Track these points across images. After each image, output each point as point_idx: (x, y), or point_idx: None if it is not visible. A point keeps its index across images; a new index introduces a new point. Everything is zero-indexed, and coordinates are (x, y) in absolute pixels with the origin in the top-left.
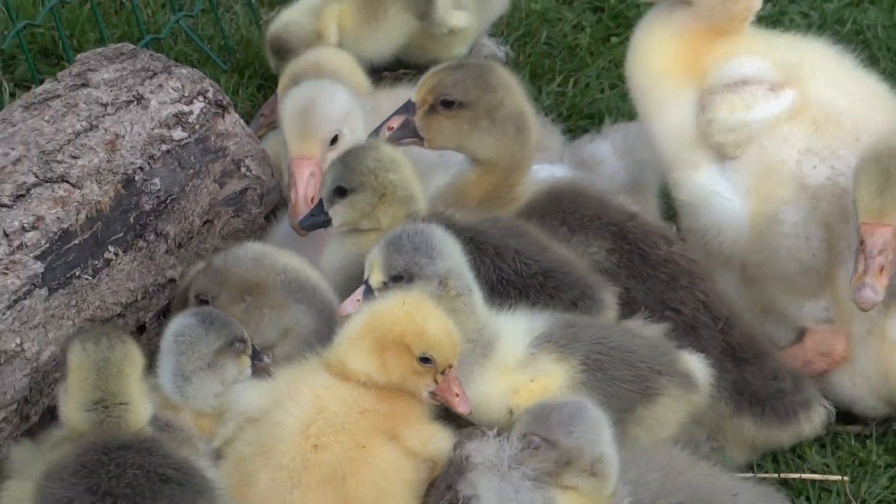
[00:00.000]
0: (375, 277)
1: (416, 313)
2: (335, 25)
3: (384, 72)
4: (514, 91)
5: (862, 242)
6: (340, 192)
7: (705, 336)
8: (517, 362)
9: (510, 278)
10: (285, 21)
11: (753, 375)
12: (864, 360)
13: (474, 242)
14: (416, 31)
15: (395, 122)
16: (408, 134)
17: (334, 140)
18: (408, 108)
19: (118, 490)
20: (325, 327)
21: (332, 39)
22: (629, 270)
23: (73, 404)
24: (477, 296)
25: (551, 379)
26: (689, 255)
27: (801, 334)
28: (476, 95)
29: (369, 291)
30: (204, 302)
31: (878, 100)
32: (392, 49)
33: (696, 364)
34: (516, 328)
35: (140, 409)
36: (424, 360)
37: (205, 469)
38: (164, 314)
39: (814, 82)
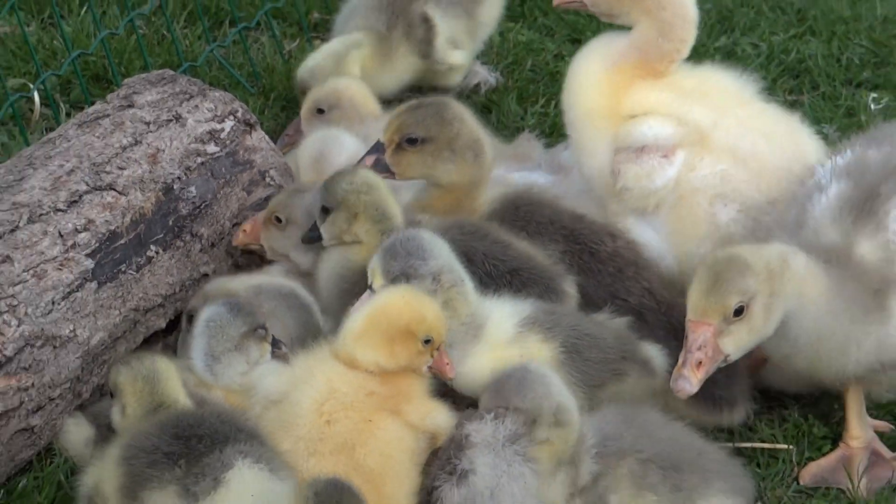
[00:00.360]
0: (378, 282)
1: (414, 304)
2: (358, 68)
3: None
4: (468, 122)
5: (686, 337)
6: (325, 211)
7: (651, 319)
8: (506, 340)
9: (482, 279)
10: (311, 66)
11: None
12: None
13: None
14: (420, 68)
15: (369, 161)
16: (380, 170)
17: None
18: (377, 147)
19: (200, 431)
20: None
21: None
22: (580, 267)
23: (133, 415)
24: (468, 285)
25: (538, 355)
26: (633, 248)
27: None
28: (436, 131)
29: (371, 291)
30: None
31: (781, 136)
32: (403, 84)
33: (654, 352)
34: (503, 311)
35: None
36: (426, 341)
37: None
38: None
39: (722, 131)
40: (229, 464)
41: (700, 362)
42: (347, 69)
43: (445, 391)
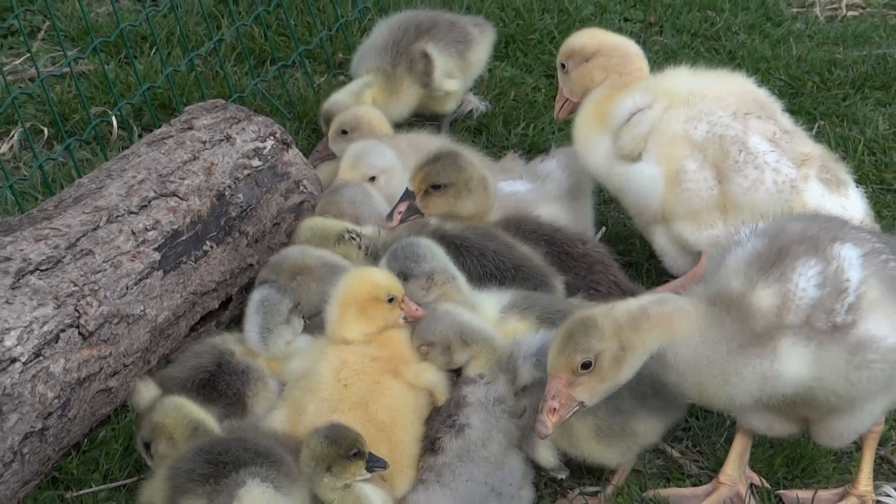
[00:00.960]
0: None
1: (366, 276)
2: (370, 102)
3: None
4: (476, 164)
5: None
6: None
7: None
8: (493, 322)
9: (492, 272)
10: (334, 100)
11: None
12: None
13: (463, 247)
14: (422, 96)
15: (402, 207)
16: (412, 213)
17: (372, 179)
18: (408, 195)
19: (225, 458)
20: None
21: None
22: (559, 265)
23: (178, 441)
24: (461, 280)
25: (519, 329)
26: (599, 249)
27: (698, 257)
28: (455, 177)
29: None
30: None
31: (726, 78)
32: (409, 110)
33: None
34: (490, 301)
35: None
36: (390, 300)
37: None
38: (245, 289)
39: (676, 83)
40: (242, 483)
41: (554, 409)
42: (362, 103)
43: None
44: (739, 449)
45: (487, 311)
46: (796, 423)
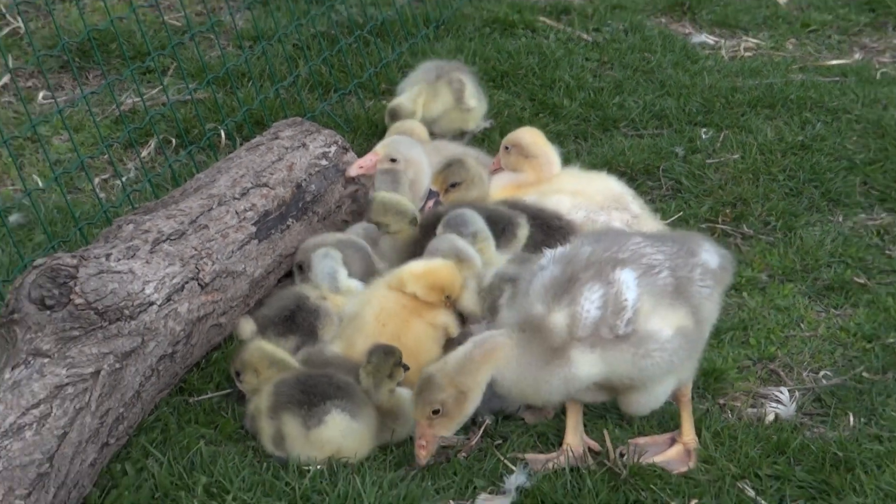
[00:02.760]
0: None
1: (448, 275)
2: (421, 104)
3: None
4: (475, 165)
5: None
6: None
7: None
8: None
9: (506, 228)
10: (397, 101)
11: None
12: None
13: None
14: (452, 107)
15: (430, 203)
16: (437, 204)
17: (393, 160)
18: (433, 194)
19: (316, 391)
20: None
21: (419, 111)
22: (543, 234)
23: (263, 376)
24: (491, 241)
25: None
26: (571, 225)
27: None
28: (464, 176)
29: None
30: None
31: (601, 181)
32: (440, 111)
33: None
34: (501, 255)
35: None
36: (447, 297)
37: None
38: None
39: (574, 182)
40: (328, 411)
41: (422, 446)
42: (416, 105)
43: None
44: (574, 417)
45: (499, 260)
46: (612, 393)
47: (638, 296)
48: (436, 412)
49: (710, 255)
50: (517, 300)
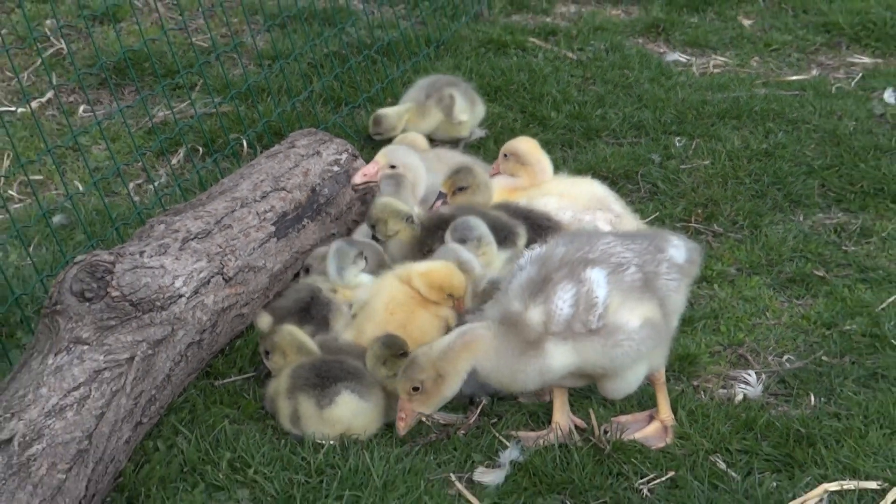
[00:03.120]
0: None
1: (450, 276)
2: (404, 120)
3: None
4: (482, 172)
5: None
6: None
7: None
8: (500, 266)
9: (502, 229)
10: (384, 112)
11: None
12: None
13: (454, 216)
14: (442, 122)
15: (439, 203)
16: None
17: (392, 167)
18: (441, 195)
19: (328, 374)
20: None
21: (400, 126)
22: (533, 232)
23: (290, 358)
24: (493, 244)
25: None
26: (558, 225)
27: None
28: (471, 181)
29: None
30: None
31: (586, 185)
32: (429, 130)
33: None
34: (500, 256)
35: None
36: (450, 295)
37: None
38: None
39: (561, 186)
40: (339, 392)
41: (402, 419)
42: (398, 121)
43: None
44: (560, 398)
45: (498, 262)
46: (589, 379)
47: (608, 292)
48: (415, 389)
49: (677, 250)
50: (498, 297)
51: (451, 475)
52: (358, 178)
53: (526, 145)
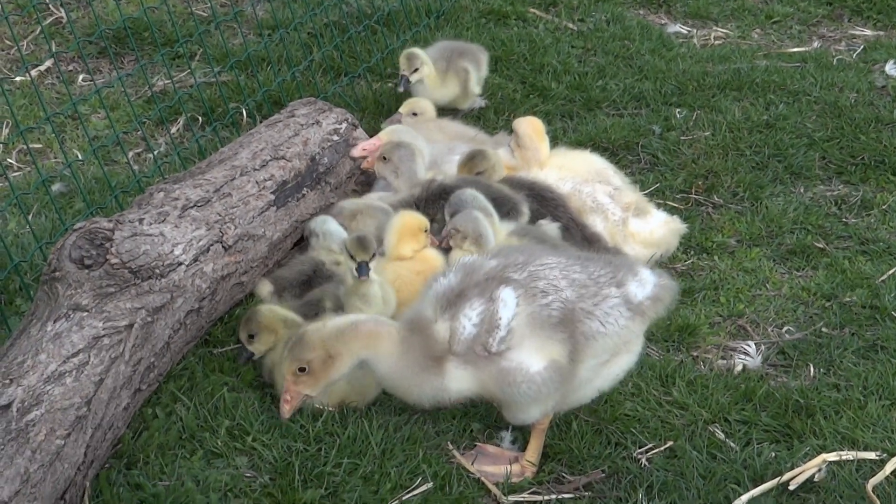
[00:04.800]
0: (447, 215)
1: (410, 217)
2: (430, 83)
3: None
4: (496, 157)
5: None
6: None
7: (573, 232)
8: (504, 238)
9: (505, 202)
10: (415, 51)
11: (596, 247)
12: None
13: (457, 187)
14: (456, 92)
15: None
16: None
17: (385, 159)
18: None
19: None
20: None
21: (430, 87)
22: (538, 204)
23: (278, 338)
24: (495, 215)
25: (515, 243)
26: (561, 196)
27: None
28: (486, 166)
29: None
30: None
31: (585, 159)
32: (447, 98)
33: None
34: (504, 227)
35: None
36: (425, 230)
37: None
38: None
39: (561, 159)
40: None
41: (287, 400)
42: (429, 77)
43: None
44: (539, 439)
45: (501, 232)
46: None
47: (513, 315)
48: (302, 370)
49: (639, 285)
50: (420, 300)
51: (448, 444)
52: (356, 152)
53: (527, 129)
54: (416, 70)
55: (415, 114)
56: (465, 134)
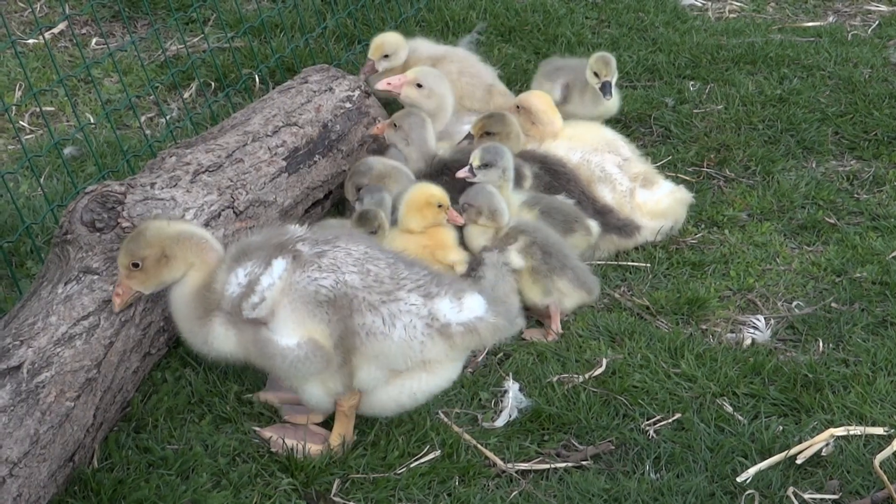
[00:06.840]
0: (475, 162)
1: (426, 189)
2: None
3: None
4: (516, 125)
5: None
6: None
7: (586, 204)
8: (517, 208)
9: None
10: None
11: (608, 218)
12: None
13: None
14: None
15: (465, 142)
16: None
17: (419, 86)
18: (469, 136)
19: None
20: None
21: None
22: (551, 177)
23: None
24: (511, 180)
25: (527, 216)
26: (574, 171)
27: None
28: (500, 128)
29: (471, 168)
30: (359, 188)
31: (596, 129)
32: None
33: (591, 223)
34: (517, 197)
35: None
36: (439, 206)
37: None
38: (339, 187)
39: (572, 130)
40: None
41: (118, 294)
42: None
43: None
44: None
45: (515, 202)
46: None
47: (271, 285)
48: (135, 265)
49: (454, 308)
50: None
51: (455, 410)
52: (381, 85)
53: (540, 103)
54: (386, 56)
55: (386, 55)
56: (484, 81)
